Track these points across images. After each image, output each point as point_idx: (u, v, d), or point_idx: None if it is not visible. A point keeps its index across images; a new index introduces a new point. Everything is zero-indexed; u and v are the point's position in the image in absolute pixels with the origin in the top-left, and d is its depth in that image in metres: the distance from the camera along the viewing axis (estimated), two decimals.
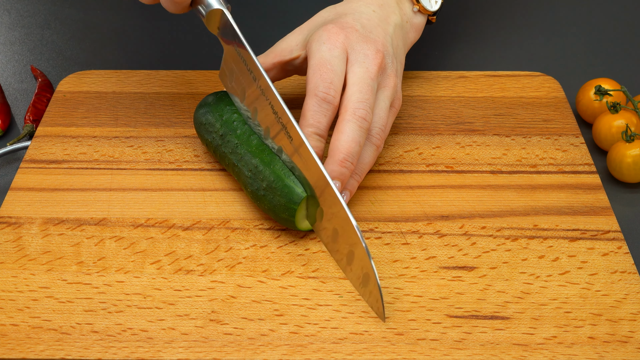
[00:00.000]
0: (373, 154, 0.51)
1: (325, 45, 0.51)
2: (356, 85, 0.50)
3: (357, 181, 0.51)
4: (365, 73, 0.50)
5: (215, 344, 0.45)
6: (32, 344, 0.45)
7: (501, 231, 0.51)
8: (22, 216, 0.53)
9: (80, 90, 0.63)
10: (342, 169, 0.48)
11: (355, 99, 0.49)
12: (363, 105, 0.49)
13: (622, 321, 0.46)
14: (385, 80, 0.52)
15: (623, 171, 0.55)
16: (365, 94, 0.50)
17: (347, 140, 0.48)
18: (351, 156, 0.49)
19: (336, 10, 0.55)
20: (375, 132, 0.51)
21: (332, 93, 0.50)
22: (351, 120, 0.49)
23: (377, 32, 0.53)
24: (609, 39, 0.71)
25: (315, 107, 0.49)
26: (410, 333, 0.45)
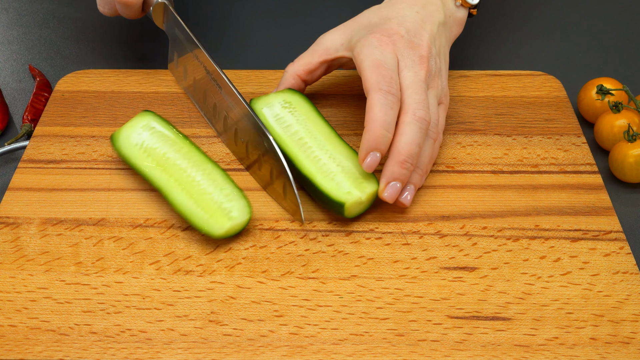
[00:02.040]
0: (432, 148, 0.53)
1: (378, 50, 0.52)
2: (411, 87, 0.51)
3: (420, 175, 0.52)
4: (416, 76, 0.52)
5: (214, 345, 0.45)
6: (30, 345, 0.45)
7: (502, 231, 0.51)
8: (20, 216, 0.52)
9: (78, 89, 0.63)
10: (402, 170, 0.50)
11: (413, 101, 0.51)
12: (422, 106, 0.51)
13: (624, 322, 0.46)
14: (432, 82, 0.54)
15: (625, 171, 0.55)
16: (421, 95, 0.51)
17: (408, 142, 0.50)
18: (411, 157, 0.50)
19: (380, 12, 0.56)
20: (432, 126, 0.52)
21: (395, 87, 0.51)
22: (412, 122, 0.50)
23: (422, 35, 0.54)
24: (611, 38, 0.71)
25: (382, 100, 0.50)
26: (411, 334, 0.45)
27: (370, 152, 0.49)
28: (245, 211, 0.50)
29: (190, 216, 0.50)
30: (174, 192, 0.51)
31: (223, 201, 0.50)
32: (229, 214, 0.50)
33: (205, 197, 0.50)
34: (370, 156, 0.49)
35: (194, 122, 0.60)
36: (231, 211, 0.50)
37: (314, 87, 0.63)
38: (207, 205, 0.50)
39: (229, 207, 0.50)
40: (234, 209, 0.50)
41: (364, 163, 0.50)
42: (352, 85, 0.63)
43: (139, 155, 0.53)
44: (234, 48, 0.69)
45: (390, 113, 0.50)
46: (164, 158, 0.53)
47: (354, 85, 0.63)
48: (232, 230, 0.49)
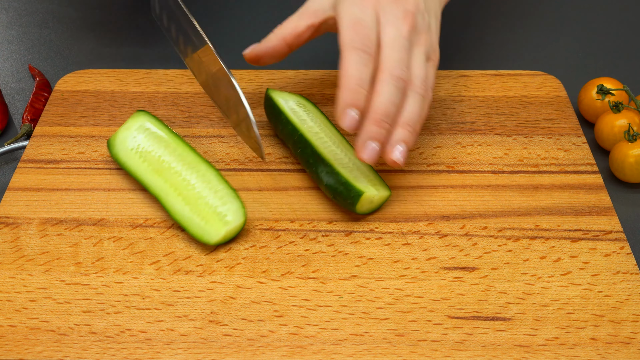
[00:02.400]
0: (419, 103, 0.50)
1: (357, 6, 0.51)
2: (390, 45, 0.50)
3: (410, 132, 0.49)
4: (397, 32, 0.50)
5: (214, 345, 0.45)
6: (30, 345, 0.45)
7: (502, 231, 0.51)
8: (20, 216, 0.52)
9: (78, 89, 0.63)
10: (379, 129, 0.48)
11: (390, 59, 0.49)
12: (399, 64, 0.49)
13: (624, 322, 0.46)
14: (419, 38, 0.52)
15: (625, 171, 0.55)
16: (400, 53, 0.50)
17: (384, 101, 0.48)
18: (388, 117, 0.48)
19: None
20: (418, 82, 0.50)
21: (370, 46, 0.49)
22: (388, 80, 0.49)
23: None
24: (611, 38, 0.70)
25: (355, 58, 0.49)
26: (411, 334, 0.45)
27: (347, 109, 0.48)
28: (240, 213, 0.50)
29: (188, 225, 0.50)
30: (171, 200, 0.51)
31: (217, 204, 0.50)
32: (223, 218, 0.50)
33: (199, 202, 0.50)
34: (347, 114, 0.47)
35: (194, 122, 0.60)
36: (226, 215, 0.50)
37: (314, 87, 0.63)
38: (202, 210, 0.50)
39: (223, 210, 0.50)
40: (229, 213, 0.50)
41: (343, 122, 0.48)
42: None
43: (136, 161, 0.53)
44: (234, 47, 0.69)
45: (364, 70, 0.48)
46: (159, 161, 0.53)
47: None
48: (228, 235, 0.49)
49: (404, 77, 0.49)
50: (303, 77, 0.64)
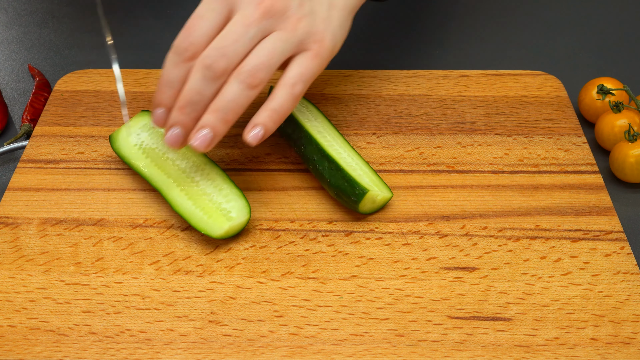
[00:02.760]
0: (239, 92, 0.48)
1: (204, 3, 0.49)
2: (222, 33, 0.48)
3: (215, 117, 0.48)
4: (239, 19, 0.48)
5: (214, 345, 0.45)
6: (30, 345, 0.45)
7: (503, 231, 0.51)
8: (20, 216, 0.52)
9: (78, 89, 0.63)
10: (180, 115, 0.48)
11: (209, 48, 0.48)
12: (213, 52, 0.47)
13: (624, 322, 0.46)
14: (281, 24, 0.49)
15: (626, 171, 0.55)
16: (223, 41, 0.48)
17: (187, 89, 0.48)
18: (192, 104, 0.48)
19: None
20: (246, 69, 0.48)
21: (189, 44, 0.48)
22: (196, 69, 0.48)
23: None
24: (612, 38, 0.70)
25: (169, 60, 0.49)
26: (411, 334, 0.45)
27: (154, 108, 0.50)
28: (244, 211, 0.50)
29: (190, 217, 0.50)
30: (173, 193, 0.51)
31: (222, 202, 0.50)
32: (227, 214, 0.49)
33: (203, 198, 0.50)
34: (154, 112, 0.50)
35: None
36: (230, 212, 0.50)
37: (314, 87, 0.62)
38: (205, 206, 0.50)
39: (227, 207, 0.50)
40: (233, 210, 0.50)
41: (152, 120, 0.50)
42: (352, 85, 0.63)
43: (138, 156, 0.53)
44: None
45: (173, 71, 0.48)
46: (163, 158, 0.53)
47: (354, 85, 0.63)
48: (232, 230, 0.49)
49: (217, 65, 0.47)
50: None
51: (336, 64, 0.67)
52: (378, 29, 0.71)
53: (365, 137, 0.58)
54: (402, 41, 0.70)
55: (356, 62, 0.67)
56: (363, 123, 0.59)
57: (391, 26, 0.72)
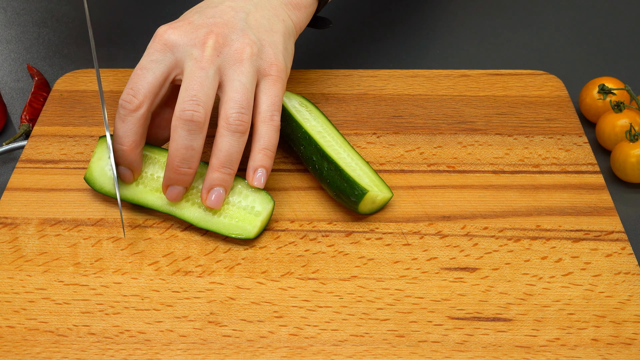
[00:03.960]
0: (234, 142, 0.48)
1: (146, 52, 0.50)
2: (183, 84, 0.48)
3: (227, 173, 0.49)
4: (193, 65, 0.48)
5: (213, 346, 0.44)
6: (29, 346, 0.45)
7: (503, 232, 0.51)
8: (19, 217, 0.52)
9: (77, 89, 0.63)
10: (178, 175, 0.49)
11: (181, 101, 0.48)
12: (189, 105, 0.47)
13: (625, 323, 0.46)
14: (232, 57, 0.49)
15: (627, 171, 0.55)
16: (191, 90, 0.48)
17: (176, 147, 0.48)
18: (185, 161, 0.48)
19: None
20: (232, 119, 0.48)
21: (128, 99, 0.48)
22: (177, 125, 0.48)
23: (218, 12, 0.51)
24: (613, 37, 0.70)
25: (117, 116, 0.49)
26: (412, 335, 0.45)
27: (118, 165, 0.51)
28: (267, 200, 0.50)
29: (219, 228, 0.49)
30: (189, 211, 0.50)
31: (240, 200, 0.50)
32: (252, 210, 0.50)
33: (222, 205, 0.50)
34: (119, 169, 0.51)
35: None
36: (254, 206, 0.50)
37: (314, 86, 0.62)
38: (227, 211, 0.50)
39: (248, 203, 0.50)
40: (255, 203, 0.50)
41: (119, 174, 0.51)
42: (352, 85, 0.63)
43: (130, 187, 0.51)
44: None
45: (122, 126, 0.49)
46: (155, 179, 0.52)
47: (354, 85, 0.63)
48: (264, 223, 0.50)
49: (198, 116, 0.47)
50: (303, 76, 0.63)
51: (336, 64, 0.67)
52: (378, 29, 0.71)
53: (365, 137, 0.58)
54: (403, 41, 0.70)
55: (356, 62, 0.67)
56: (363, 123, 0.59)
57: (391, 26, 0.72)
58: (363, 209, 0.50)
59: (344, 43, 0.69)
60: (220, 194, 0.49)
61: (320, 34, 0.68)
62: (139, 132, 0.49)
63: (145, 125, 0.50)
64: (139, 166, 0.51)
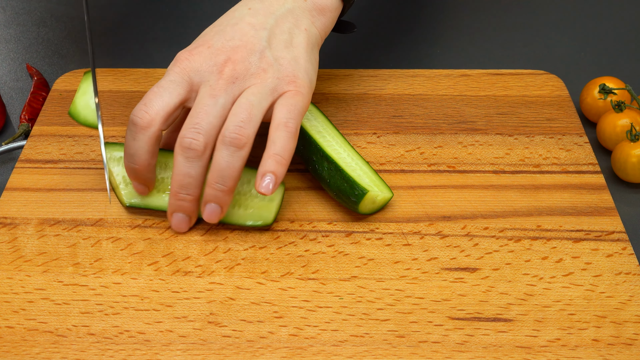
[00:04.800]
0: (229, 157, 0.47)
1: (166, 74, 0.49)
2: (191, 111, 0.48)
3: (220, 190, 0.48)
4: (206, 92, 0.48)
5: (213, 346, 0.44)
6: (28, 346, 0.44)
7: (504, 232, 0.51)
8: (18, 217, 0.52)
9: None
10: (177, 202, 0.49)
11: (184, 128, 0.48)
12: (190, 133, 0.47)
13: (626, 323, 0.45)
14: (248, 82, 0.49)
15: (628, 171, 0.55)
16: (195, 117, 0.47)
17: (176, 173, 0.48)
18: (184, 188, 0.48)
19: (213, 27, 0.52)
20: (229, 132, 0.47)
21: (141, 115, 0.48)
22: (177, 152, 0.48)
23: (237, 32, 0.50)
24: (614, 37, 0.70)
25: (127, 132, 0.49)
26: (412, 335, 0.45)
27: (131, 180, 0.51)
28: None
29: (237, 219, 0.50)
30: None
31: (250, 189, 0.51)
32: (265, 197, 0.50)
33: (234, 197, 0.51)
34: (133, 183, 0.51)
35: None
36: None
37: (314, 86, 0.62)
38: (239, 200, 0.51)
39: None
40: None
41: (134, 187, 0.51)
42: (352, 84, 0.63)
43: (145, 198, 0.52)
44: None
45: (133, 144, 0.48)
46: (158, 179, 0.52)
47: (355, 84, 0.63)
48: (278, 207, 0.51)
49: (197, 144, 0.47)
50: None
51: (336, 64, 0.67)
52: (378, 28, 0.71)
53: (365, 137, 0.58)
54: (403, 40, 0.70)
55: (356, 62, 0.67)
56: (363, 123, 0.59)
57: (392, 25, 0.72)
58: (363, 209, 0.50)
59: (344, 43, 0.69)
60: (213, 209, 0.48)
61: None
62: (150, 150, 0.48)
63: (157, 143, 0.49)
64: (152, 182, 0.51)
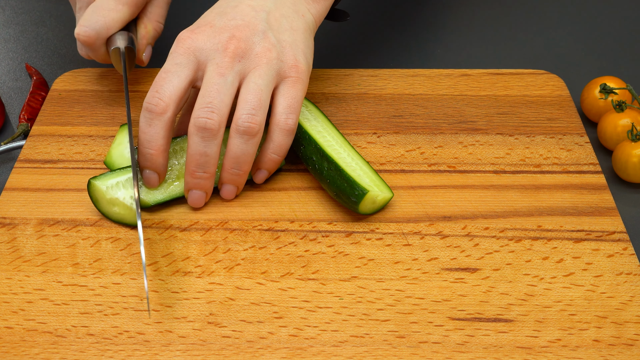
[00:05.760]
0: (243, 145, 0.49)
1: (170, 56, 0.50)
2: (201, 91, 0.49)
3: (235, 174, 0.50)
4: (213, 70, 0.49)
5: (213, 347, 0.44)
6: (27, 347, 0.44)
7: (504, 232, 0.51)
8: (17, 217, 0.52)
9: (75, 88, 0.62)
10: (194, 180, 0.50)
11: (197, 107, 0.48)
12: (204, 112, 0.48)
13: (627, 324, 0.45)
14: (253, 61, 0.49)
15: (628, 171, 0.55)
16: (207, 97, 0.48)
17: (192, 153, 0.49)
18: (201, 166, 0.49)
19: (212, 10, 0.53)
20: (242, 121, 0.48)
21: (155, 102, 0.48)
22: (192, 132, 0.48)
23: (238, 13, 0.51)
24: (614, 37, 0.70)
25: (142, 119, 0.49)
26: (412, 336, 0.45)
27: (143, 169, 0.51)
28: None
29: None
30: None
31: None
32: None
33: None
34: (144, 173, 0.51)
35: None
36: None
37: (314, 86, 0.62)
38: None
39: None
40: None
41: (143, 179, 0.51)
42: (352, 84, 0.62)
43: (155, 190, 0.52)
44: None
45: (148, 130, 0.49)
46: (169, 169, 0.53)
47: (354, 84, 0.62)
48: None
49: (211, 124, 0.48)
50: None
51: (336, 63, 0.67)
52: (379, 28, 0.71)
53: (365, 137, 0.58)
54: (403, 40, 0.70)
55: (357, 61, 0.67)
56: (363, 122, 0.59)
57: (392, 25, 0.72)
58: (363, 209, 0.50)
59: (344, 42, 0.69)
60: (230, 189, 0.51)
61: (320, 34, 0.68)
62: (166, 135, 0.50)
63: (172, 128, 0.50)
64: (165, 169, 0.51)
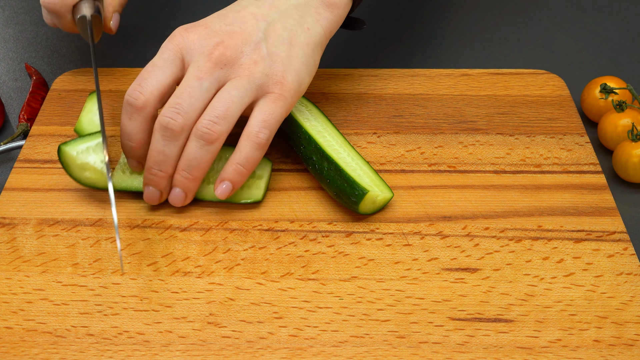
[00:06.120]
0: (198, 149, 0.48)
1: (160, 50, 0.50)
2: (176, 90, 0.49)
3: (185, 177, 0.49)
4: (192, 72, 0.48)
5: (213, 347, 0.44)
6: (27, 347, 0.44)
7: (505, 232, 0.50)
8: (17, 217, 0.52)
9: (75, 88, 0.62)
10: (150, 175, 0.50)
11: (166, 106, 0.48)
12: (169, 112, 0.48)
13: (628, 324, 0.45)
14: (236, 71, 0.49)
15: (629, 171, 0.54)
16: (178, 98, 0.48)
17: (151, 149, 0.49)
18: (157, 164, 0.49)
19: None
20: (202, 125, 0.48)
21: (135, 96, 0.48)
22: (156, 128, 0.48)
23: (238, 19, 0.50)
24: (615, 37, 0.70)
25: (123, 111, 0.49)
26: (412, 336, 0.45)
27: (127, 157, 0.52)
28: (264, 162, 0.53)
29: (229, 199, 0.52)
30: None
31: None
32: (254, 175, 0.52)
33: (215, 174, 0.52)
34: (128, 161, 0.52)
35: None
36: (254, 172, 0.52)
37: (314, 86, 0.62)
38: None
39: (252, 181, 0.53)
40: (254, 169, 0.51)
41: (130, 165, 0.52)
42: (352, 84, 0.62)
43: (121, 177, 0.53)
44: None
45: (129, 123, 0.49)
46: None
47: (355, 84, 0.62)
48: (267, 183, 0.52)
49: (174, 124, 0.47)
50: None
51: (336, 63, 0.66)
52: (379, 28, 0.71)
53: (365, 137, 0.58)
54: (403, 40, 0.70)
55: (357, 61, 0.67)
56: (363, 122, 0.59)
57: (392, 25, 0.72)
58: (363, 209, 0.50)
59: (344, 42, 0.69)
60: (178, 194, 0.50)
61: None
62: (147, 129, 0.50)
63: (153, 121, 0.50)
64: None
